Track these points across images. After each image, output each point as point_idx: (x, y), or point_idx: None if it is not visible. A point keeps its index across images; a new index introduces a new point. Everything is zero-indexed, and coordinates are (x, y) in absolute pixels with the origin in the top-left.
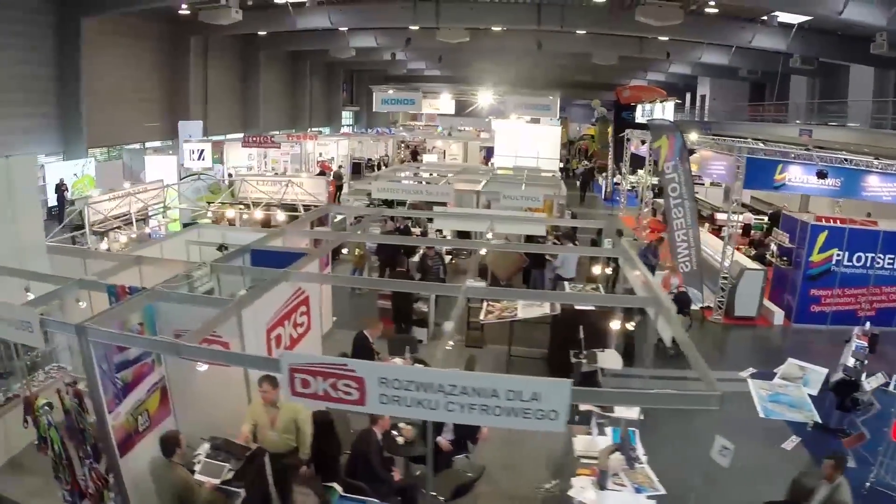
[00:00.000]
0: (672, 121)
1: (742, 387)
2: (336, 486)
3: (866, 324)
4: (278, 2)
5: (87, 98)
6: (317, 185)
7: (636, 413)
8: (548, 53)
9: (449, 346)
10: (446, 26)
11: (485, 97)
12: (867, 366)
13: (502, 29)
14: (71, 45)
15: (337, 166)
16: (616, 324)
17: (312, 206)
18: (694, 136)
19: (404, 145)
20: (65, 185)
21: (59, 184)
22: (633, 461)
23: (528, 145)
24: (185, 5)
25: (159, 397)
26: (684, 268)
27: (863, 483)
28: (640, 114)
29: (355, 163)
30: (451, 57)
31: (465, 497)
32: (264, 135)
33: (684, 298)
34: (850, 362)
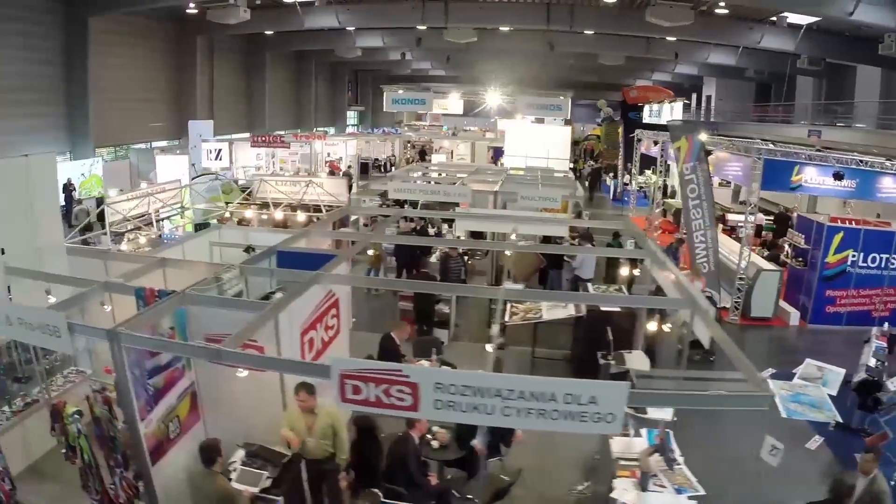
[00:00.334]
0: (691, 122)
1: (763, 387)
2: (377, 491)
3: (884, 324)
4: (287, 1)
5: (93, 97)
6: (337, 186)
7: (670, 414)
8: (554, 54)
9: (492, 348)
10: (455, 26)
11: (493, 97)
12: (887, 366)
13: (509, 29)
14: (78, 45)
15: (346, 166)
16: (652, 325)
17: (332, 206)
18: (703, 137)
19: (410, 145)
20: (72, 185)
21: (67, 184)
22: (672, 462)
23: (538, 145)
24: (192, 4)
25: (189, 403)
26: (703, 269)
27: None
28: (647, 114)
29: (363, 163)
30: (456, 57)
31: (501, 501)
32: (273, 134)
33: (710, 301)
34: (872, 362)
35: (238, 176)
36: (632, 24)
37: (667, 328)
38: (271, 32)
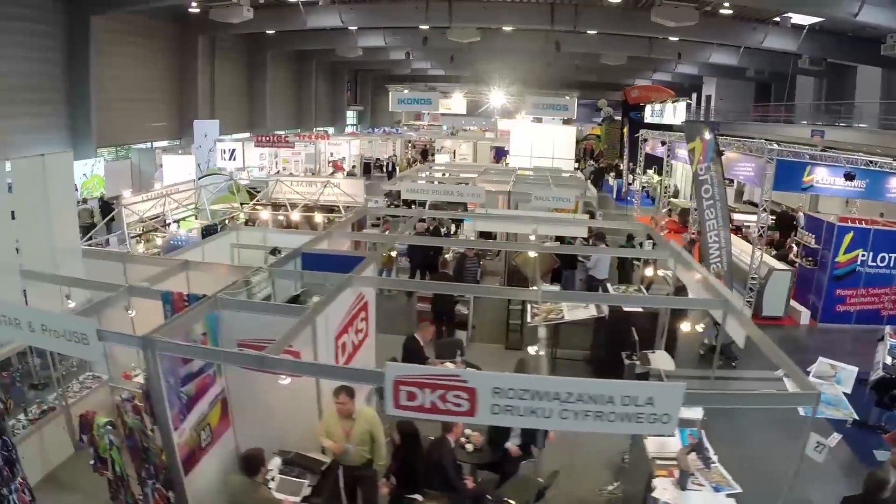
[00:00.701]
0: (704, 122)
1: (778, 386)
2: (419, 497)
3: None
4: (291, 0)
5: (95, 97)
6: (354, 186)
7: (700, 413)
8: (554, 53)
9: (535, 351)
10: (459, 25)
11: (496, 97)
12: None
13: (512, 29)
14: (80, 44)
15: (350, 166)
16: (686, 325)
17: (347, 207)
18: (707, 137)
19: (411, 145)
20: (74, 185)
21: None
22: (708, 461)
23: (543, 145)
24: (195, 3)
25: (220, 411)
26: (716, 268)
27: None
28: (649, 114)
29: (366, 163)
30: (458, 57)
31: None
32: (278, 134)
33: None
34: (888, 360)
35: (241, 176)
36: (636, 24)
37: (699, 328)
38: (273, 32)
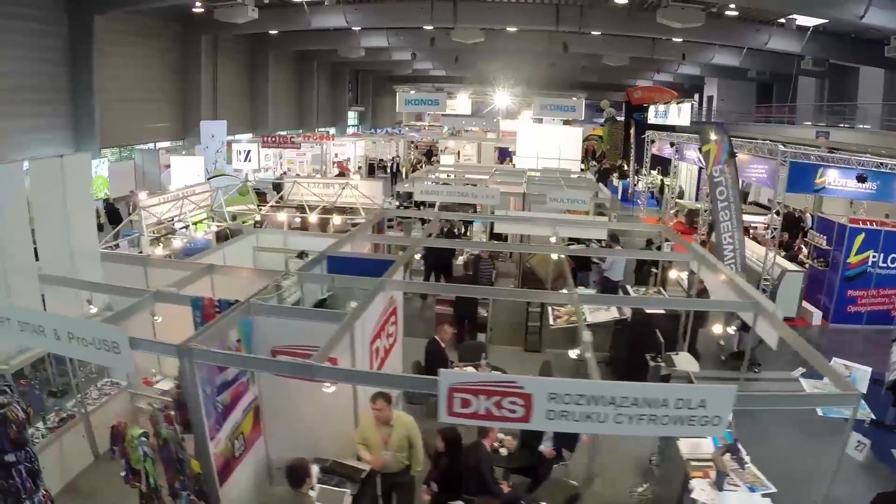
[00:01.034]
0: (720, 124)
1: (795, 386)
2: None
3: None
4: (295, 0)
5: (98, 97)
6: (373, 188)
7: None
8: (557, 54)
9: (576, 354)
10: (464, 26)
11: (501, 98)
12: None
13: (516, 30)
14: (83, 44)
15: (356, 167)
16: (718, 328)
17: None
18: (723, 139)
19: (413, 146)
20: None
21: None
22: (742, 461)
23: (549, 146)
24: (199, 3)
25: (252, 418)
26: (731, 270)
27: None
28: (652, 115)
29: (370, 164)
30: (461, 58)
31: None
32: (283, 135)
33: None
34: None
35: (256, 178)
36: (640, 25)
37: (731, 330)
38: (275, 32)
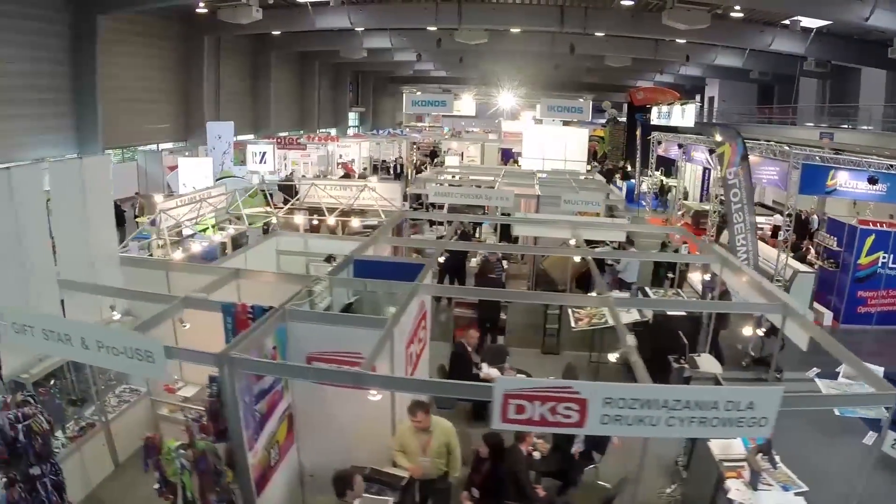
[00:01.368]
0: (733, 127)
1: (811, 386)
2: None
3: None
4: (300, 1)
5: (101, 98)
6: (391, 190)
7: None
8: (559, 55)
9: (616, 358)
10: (468, 27)
11: (506, 99)
12: None
13: (519, 31)
14: (87, 44)
15: (362, 168)
16: (748, 329)
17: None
18: (719, 139)
19: (416, 147)
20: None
21: None
22: (774, 461)
23: (555, 147)
24: (202, 3)
25: (286, 427)
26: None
27: None
28: (655, 115)
29: (374, 165)
30: (464, 59)
31: None
32: (297, 136)
33: None
34: None
35: (271, 180)
36: (645, 26)
37: (760, 332)
38: (278, 33)
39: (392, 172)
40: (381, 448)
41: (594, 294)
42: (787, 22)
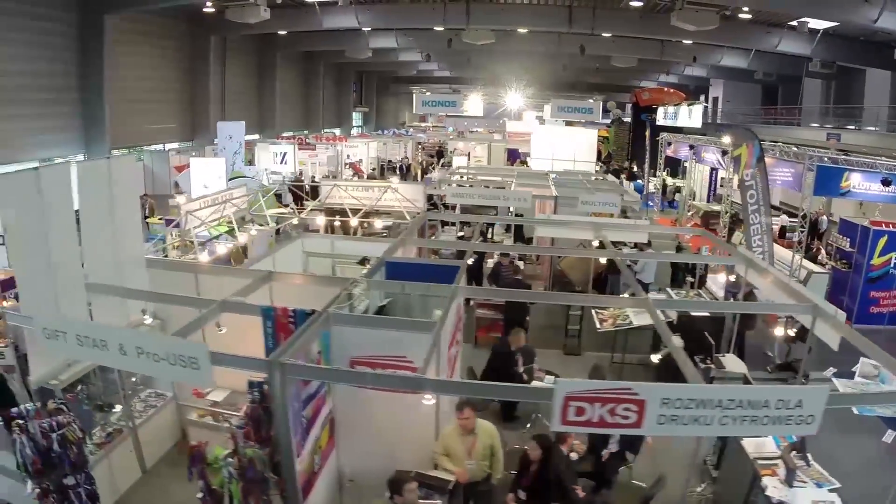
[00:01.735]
0: (749, 128)
1: (830, 386)
2: None
3: None
4: (308, 0)
5: (108, 98)
6: (415, 192)
7: None
8: (565, 55)
9: (658, 359)
10: (476, 27)
11: (514, 99)
12: None
13: (526, 31)
14: (94, 43)
15: (371, 168)
16: (780, 330)
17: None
18: (727, 140)
19: (421, 147)
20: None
21: None
22: (807, 459)
23: (564, 147)
24: (209, 3)
25: (328, 432)
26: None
27: None
28: (661, 116)
29: (381, 165)
30: (465, 58)
31: None
32: (288, 135)
33: None
34: None
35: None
36: (653, 27)
37: (792, 332)
38: (284, 33)
39: (399, 172)
40: (423, 452)
41: (627, 295)
42: (794, 23)
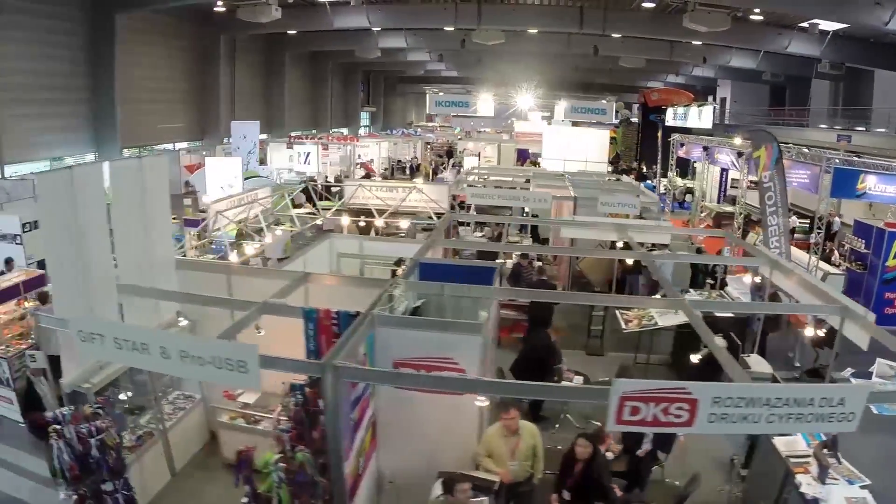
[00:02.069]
0: (768, 130)
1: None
2: None
3: None
4: (319, 0)
5: (119, 97)
6: (439, 192)
7: None
8: (582, 56)
9: (698, 359)
10: (487, 28)
11: (525, 99)
12: None
13: (536, 32)
14: (104, 43)
15: (383, 168)
16: (810, 331)
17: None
18: (738, 141)
19: (429, 147)
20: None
21: None
22: (837, 456)
23: (576, 148)
24: (221, 2)
25: (371, 434)
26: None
27: None
28: (670, 117)
29: (391, 165)
30: (472, 59)
31: None
32: (309, 134)
33: None
34: None
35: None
36: (663, 28)
37: (821, 333)
38: (294, 32)
39: (409, 172)
40: (463, 453)
41: (659, 296)
42: (805, 24)
